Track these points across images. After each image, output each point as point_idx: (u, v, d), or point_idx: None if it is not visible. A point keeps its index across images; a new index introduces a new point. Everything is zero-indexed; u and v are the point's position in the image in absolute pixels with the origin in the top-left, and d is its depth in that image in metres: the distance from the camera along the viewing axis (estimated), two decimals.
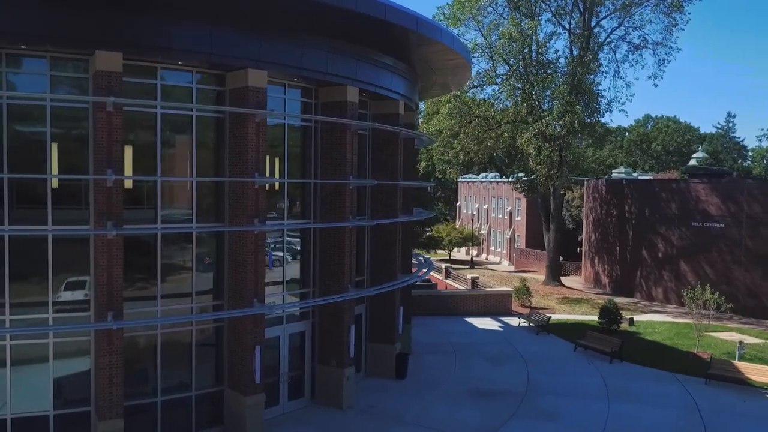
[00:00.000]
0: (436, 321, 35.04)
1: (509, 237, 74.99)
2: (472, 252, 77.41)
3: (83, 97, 16.38)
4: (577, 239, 58.55)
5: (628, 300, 44.41)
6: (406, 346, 27.15)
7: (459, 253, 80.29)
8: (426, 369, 26.28)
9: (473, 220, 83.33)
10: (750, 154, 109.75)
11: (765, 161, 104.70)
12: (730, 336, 32.76)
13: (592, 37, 46.64)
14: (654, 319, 37.52)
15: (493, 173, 78.04)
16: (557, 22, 48.03)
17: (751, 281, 39.51)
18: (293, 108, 21.30)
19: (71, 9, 15.39)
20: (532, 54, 45.59)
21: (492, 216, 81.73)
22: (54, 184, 16.83)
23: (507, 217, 76.56)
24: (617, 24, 46.93)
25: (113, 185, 15.94)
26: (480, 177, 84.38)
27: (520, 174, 54.86)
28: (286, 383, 21.04)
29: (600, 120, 47.93)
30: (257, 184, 18.26)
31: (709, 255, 41.79)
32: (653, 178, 63.26)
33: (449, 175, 55.49)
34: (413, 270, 28.84)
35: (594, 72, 45.39)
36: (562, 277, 53.00)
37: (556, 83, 44.47)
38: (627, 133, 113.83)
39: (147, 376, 18.14)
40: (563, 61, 46.99)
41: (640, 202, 46.83)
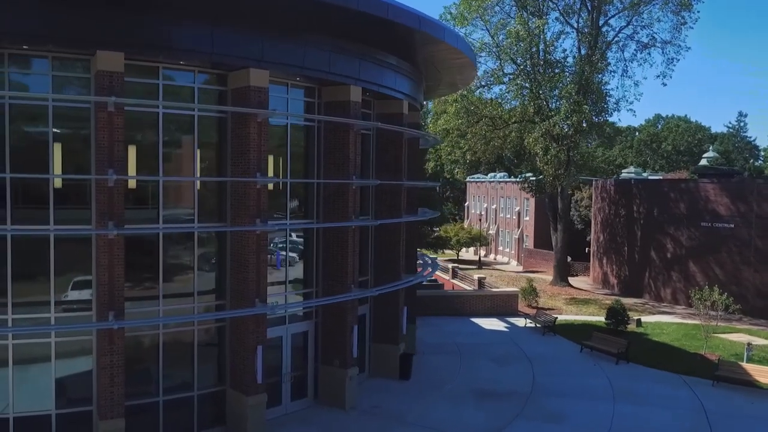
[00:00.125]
0: (441, 321, 34.90)
1: (517, 237, 74.72)
2: (480, 252, 77.19)
3: (84, 97, 16.42)
4: (586, 239, 58.19)
5: (636, 301, 44.09)
6: (410, 346, 27.05)
7: (467, 254, 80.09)
8: (430, 369, 26.17)
9: (481, 220, 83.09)
10: (762, 153, 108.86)
11: None
12: (738, 337, 32.42)
13: (600, 36, 46.33)
14: (662, 320, 37.21)
15: (502, 173, 77.76)
16: (565, 21, 47.79)
17: (761, 282, 39.05)
18: (296, 107, 21.26)
19: (72, 9, 15.41)
20: (539, 53, 45.36)
21: (500, 216, 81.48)
22: (57, 184, 16.88)
23: (515, 217, 76.29)
24: (625, 23, 46.65)
25: (114, 185, 15.95)
26: (488, 177, 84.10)
27: (527, 174, 54.63)
28: (288, 383, 21.00)
29: (608, 119, 47.67)
30: (259, 183, 18.23)
31: (719, 255, 41.39)
32: (663, 178, 62.81)
33: (456, 175, 55.30)
34: (418, 270, 28.74)
35: (602, 71, 45.09)
36: (570, 278, 52.71)
37: (563, 82, 44.21)
38: (637, 133, 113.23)
39: (149, 375, 18.13)
40: (571, 61, 46.77)
41: (648, 202, 46.47)
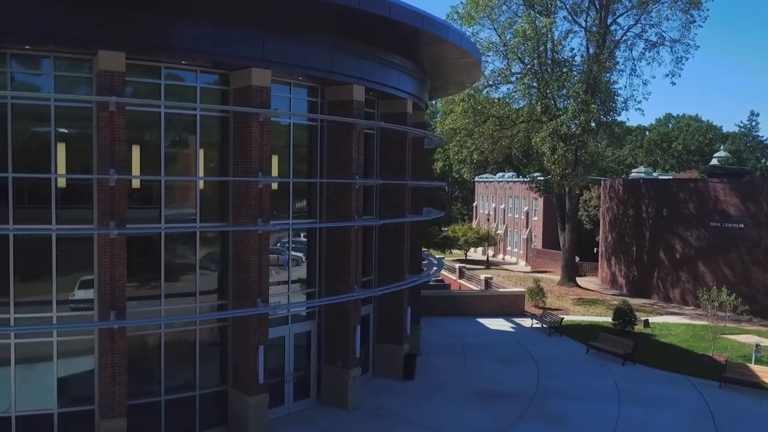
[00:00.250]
0: (447, 321, 34.78)
1: (526, 237, 74.42)
2: (488, 252, 76.93)
3: (86, 97, 16.43)
4: (595, 239, 57.85)
5: (644, 301, 43.78)
6: (414, 346, 26.95)
7: (475, 254, 79.84)
8: (435, 370, 26.06)
9: (489, 220, 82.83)
10: None
11: None
12: (747, 338, 32.09)
13: (608, 35, 46.04)
14: (670, 321, 36.90)
15: (510, 173, 77.48)
16: (573, 20, 47.51)
17: None
18: (299, 107, 21.21)
19: (74, 9, 15.42)
20: (547, 52, 45.12)
21: (509, 216, 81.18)
22: (61, 183, 16.92)
23: (524, 217, 75.98)
24: (634, 21, 46.33)
25: (116, 185, 15.96)
26: (497, 177, 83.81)
27: (535, 174, 54.38)
28: (291, 383, 20.96)
29: (616, 119, 47.36)
30: (261, 183, 18.21)
31: (728, 256, 41.00)
32: (672, 177, 62.33)
33: (463, 175, 55.14)
34: (423, 270, 28.62)
35: (610, 70, 44.80)
36: (579, 278, 52.41)
37: (571, 81, 43.94)
38: (647, 132, 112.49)
39: (151, 375, 18.13)
40: (579, 60, 46.49)
41: (657, 202, 46.11)
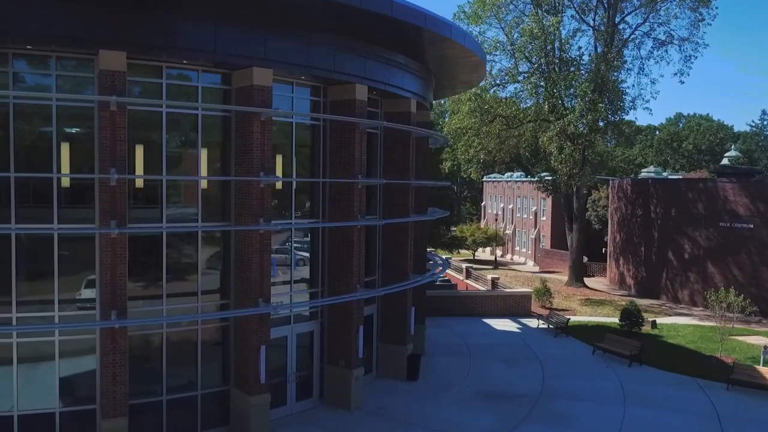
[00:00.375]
0: (453, 322, 34.63)
1: (534, 237, 74.11)
2: (496, 252, 76.66)
3: (87, 97, 16.44)
4: (604, 240, 57.49)
5: (652, 302, 43.45)
6: (419, 347, 26.83)
7: (484, 254, 79.57)
8: (439, 370, 25.95)
9: (497, 220, 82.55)
10: None
11: None
12: (756, 340, 31.75)
13: (616, 34, 45.72)
14: (678, 322, 36.58)
15: (519, 173, 77.23)
16: (581, 18, 47.24)
17: None
18: (302, 106, 21.16)
19: (75, 8, 15.44)
20: (554, 51, 44.86)
21: (517, 216, 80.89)
22: (65, 183, 16.95)
23: (532, 217, 75.68)
24: (642, 19, 46.02)
25: (117, 184, 15.96)
26: (505, 176, 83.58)
27: (543, 173, 54.11)
28: (293, 383, 20.92)
29: (624, 118, 47.02)
30: (262, 183, 18.16)
31: (738, 256, 40.62)
32: (682, 177, 61.84)
33: (470, 175, 54.98)
34: (428, 270, 28.50)
35: (618, 69, 44.47)
36: (587, 278, 52.08)
37: (579, 81, 43.66)
38: (657, 132, 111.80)
39: (153, 374, 18.11)
40: (587, 59, 46.19)
41: (666, 202, 45.75)
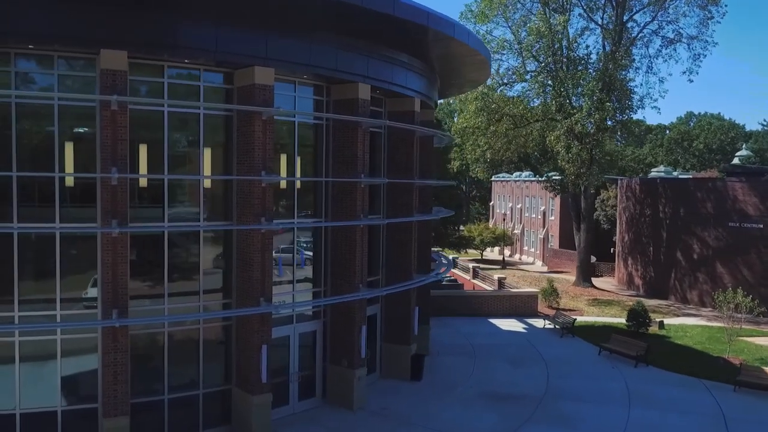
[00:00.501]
0: (458, 322, 34.51)
1: (543, 237, 73.83)
2: (504, 252, 76.43)
3: (88, 96, 16.44)
4: (613, 239, 57.17)
5: (661, 302, 43.16)
6: (423, 347, 26.73)
7: (492, 253, 79.39)
8: (443, 371, 25.84)
9: (505, 219, 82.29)
10: None
11: None
12: (765, 341, 31.45)
13: (624, 32, 45.41)
14: (686, 323, 36.29)
15: (527, 172, 76.93)
16: (588, 17, 46.95)
17: None
18: (305, 105, 21.12)
19: (77, 8, 15.47)
20: (562, 50, 44.61)
21: (525, 215, 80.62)
22: (68, 182, 17.00)
23: (540, 217, 75.39)
24: (650, 18, 45.72)
25: (118, 183, 15.98)
26: (513, 176, 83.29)
27: (551, 173, 53.84)
28: (296, 383, 20.88)
29: (632, 117, 46.68)
30: (264, 182, 18.14)
31: (747, 257, 40.26)
32: (693, 177, 61.34)
33: (477, 174, 54.81)
34: (432, 270, 28.40)
35: (626, 68, 44.14)
36: (595, 278, 51.81)
37: (586, 79, 43.40)
38: (668, 131, 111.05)
39: (155, 373, 18.13)
40: (594, 57, 45.93)
41: (674, 201, 45.41)
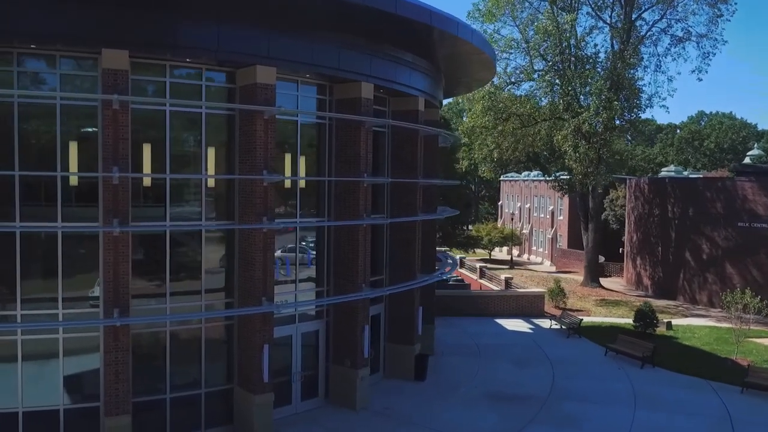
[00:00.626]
0: (464, 322, 34.38)
1: (551, 237, 73.48)
2: (512, 252, 76.15)
3: (89, 95, 16.46)
4: (621, 239, 56.79)
5: (669, 303, 42.81)
6: (427, 347, 26.63)
7: (500, 253, 79.09)
8: (447, 371, 25.73)
9: (513, 219, 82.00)
10: None
11: None
12: None
13: (633, 31, 45.08)
14: (694, 324, 35.97)
15: (536, 172, 76.55)
16: (597, 15, 46.68)
17: None
18: (308, 104, 21.06)
19: (78, 8, 15.51)
20: (570, 49, 44.33)
21: (534, 215, 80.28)
22: (73, 181, 17.05)
23: (549, 217, 75.05)
24: (659, 16, 45.39)
25: (119, 183, 16.01)
26: (522, 176, 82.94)
27: (559, 173, 53.55)
28: (298, 383, 20.84)
29: (640, 116, 46.35)
30: (266, 181, 18.11)
31: (757, 257, 39.87)
32: (702, 176, 60.87)
33: (484, 174, 54.60)
34: (437, 270, 28.26)
35: (634, 66, 43.81)
36: (603, 279, 51.49)
37: (594, 78, 43.11)
38: (678, 131, 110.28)
39: (157, 373, 18.14)
40: (603, 56, 45.60)
41: (683, 201, 45.03)
